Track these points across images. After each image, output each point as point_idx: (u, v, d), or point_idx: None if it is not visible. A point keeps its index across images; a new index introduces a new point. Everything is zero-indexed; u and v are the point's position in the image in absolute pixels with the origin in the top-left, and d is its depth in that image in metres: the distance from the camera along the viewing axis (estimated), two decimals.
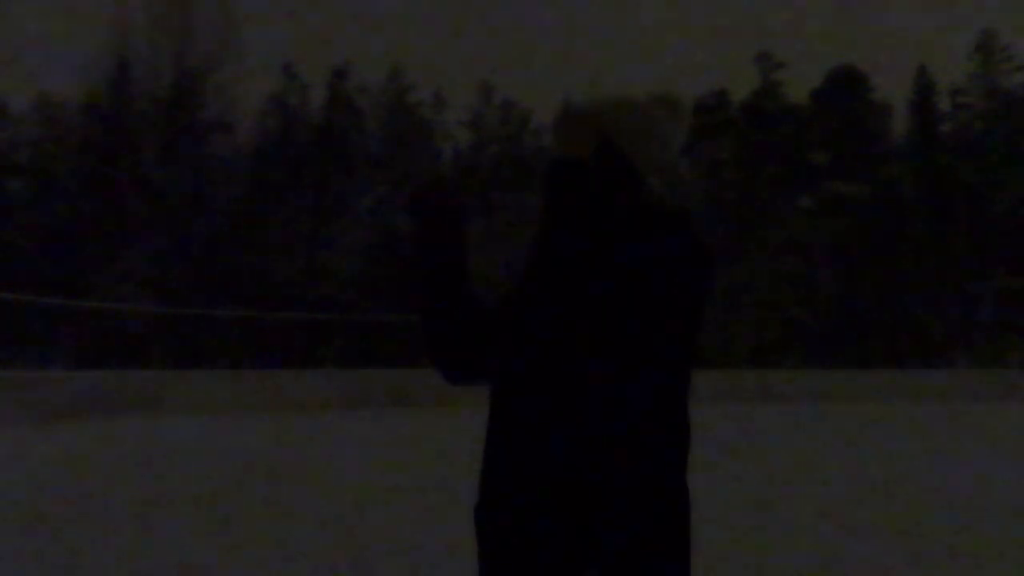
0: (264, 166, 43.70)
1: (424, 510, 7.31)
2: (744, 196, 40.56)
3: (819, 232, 39.07)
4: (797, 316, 37.95)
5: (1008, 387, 28.43)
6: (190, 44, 41.27)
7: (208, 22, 41.62)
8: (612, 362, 1.46)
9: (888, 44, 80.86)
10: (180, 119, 41.13)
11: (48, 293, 32.85)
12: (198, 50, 41.28)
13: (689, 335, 1.52)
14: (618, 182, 1.57)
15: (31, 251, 39.81)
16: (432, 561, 5.46)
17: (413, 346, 38.55)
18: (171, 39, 41.21)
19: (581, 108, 1.61)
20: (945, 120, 44.49)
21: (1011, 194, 40.07)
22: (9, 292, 25.60)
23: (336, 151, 44.06)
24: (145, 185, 40.29)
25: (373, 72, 60.56)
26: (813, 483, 8.92)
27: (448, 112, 49.33)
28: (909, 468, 10.21)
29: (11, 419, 17.64)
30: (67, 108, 44.00)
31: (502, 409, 1.58)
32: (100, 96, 41.95)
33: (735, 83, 58.85)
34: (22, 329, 37.45)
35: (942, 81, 44.35)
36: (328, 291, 39.34)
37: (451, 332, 1.65)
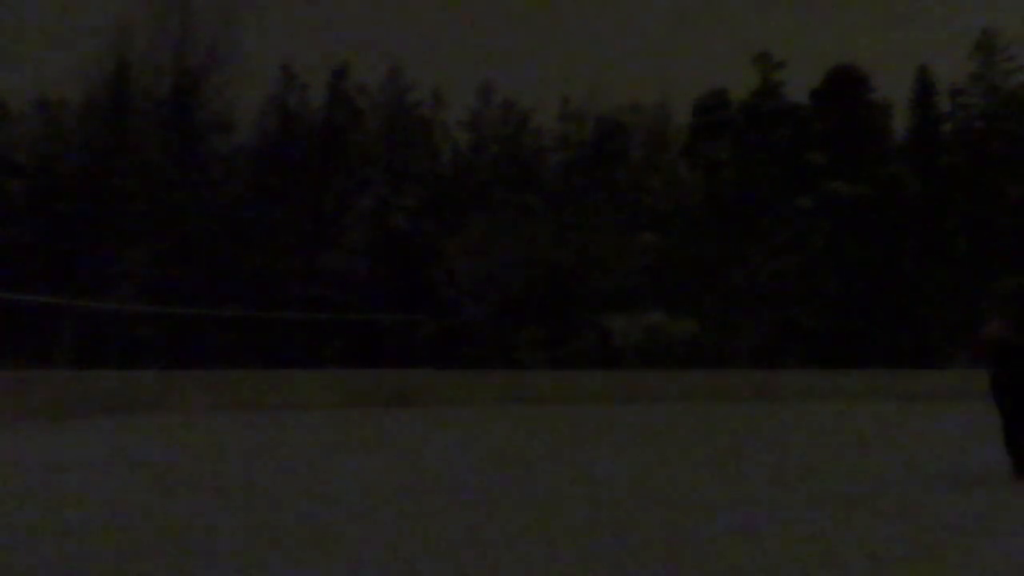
0: (264, 166, 43.68)
1: (424, 510, 7.31)
2: (744, 196, 40.54)
3: (819, 232, 39.04)
4: (797, 316, 37.93)
5: None
6: (190, 44, 41.29)
7: (208, 22, 41.67)
8: None
9: (888, 44, 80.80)
10: (180, 119, 41.14)
11: (48, 293, 32.87)
12: (198, 50, 41.30)
13: None
14: None
15: (31, 251, 39.81)
16: (432, 560, 5.46)
17: (413, 346, 38.57)
18: (171, 39, 41.24)
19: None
20: (945, 120, 44.49)
21: (1011, 194, 40.05)
22: (9, 292, 25.60)
23: (336, 151, 44.05)
24: (145, 185, 40.28)
25: (373, 72, 60.51)
26: (813, 482, 8.92)
27: (448, 112, 49.35)
28: (909, 467, 10.22)
29: (11, 419, 17.66)
30: (67, 108, 44.03)
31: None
32: (100, 96, 41.96)
33: (735, 83, 58.78)
34: (22, 329, 37.45)
35: (942, 81, 44.44)
36: (328, 291, 39.33)
37: None
